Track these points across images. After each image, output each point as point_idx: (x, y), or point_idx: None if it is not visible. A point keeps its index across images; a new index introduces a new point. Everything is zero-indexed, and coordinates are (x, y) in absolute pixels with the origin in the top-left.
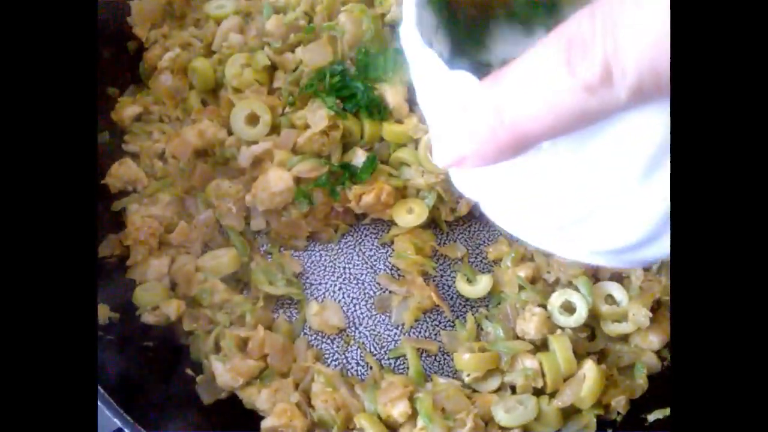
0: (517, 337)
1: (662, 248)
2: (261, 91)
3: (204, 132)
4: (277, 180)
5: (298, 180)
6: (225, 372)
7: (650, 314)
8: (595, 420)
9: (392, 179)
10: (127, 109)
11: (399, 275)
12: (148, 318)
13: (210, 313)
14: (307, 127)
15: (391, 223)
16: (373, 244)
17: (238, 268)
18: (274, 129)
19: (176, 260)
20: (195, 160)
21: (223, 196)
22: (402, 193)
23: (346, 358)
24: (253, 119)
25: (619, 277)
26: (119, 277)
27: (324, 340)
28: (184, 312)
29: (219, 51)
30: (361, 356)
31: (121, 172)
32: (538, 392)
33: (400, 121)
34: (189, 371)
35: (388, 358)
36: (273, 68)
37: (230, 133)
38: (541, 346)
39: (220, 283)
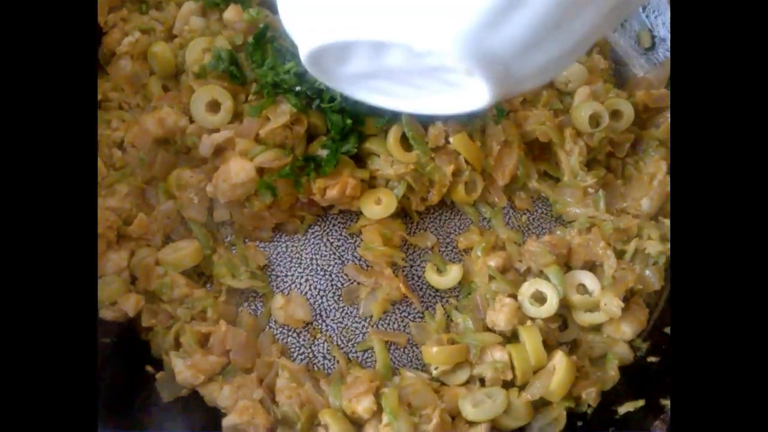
0: (487, 329)
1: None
2: (223, 76)
3: (164, 120)
4: (238, 170)
5: (261, 170)
6: (185, 369)
7: (623, 304)
8: (565, 413)
9: (358, 171)
10: None
11: (367, 266)
12: (107, 313)
13: (170, 308)
14: (269, 118)
15: (360, 213)
16: (340, 235)
17: (200, 261)
18: (237, 116)
19: (136, 253)
20: (155, 149)
21: (184, 187)
22: (370, 183)
23: (313, 351)
24: (214, 106)
25: (591, 266)
26: None
27: (290, 333)
28: (144, 307)
29: (180, 35)
30: (327, 350)
31: None
32: (507, 385)
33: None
34: (149, 368)
35: (356, 351)
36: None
37: (192, 120)
38: (511, 338)
39: (180, 277)
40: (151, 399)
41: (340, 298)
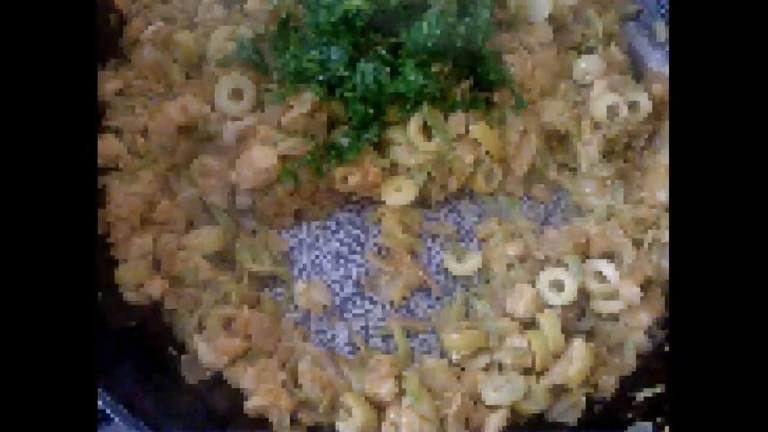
0: (506, 315)
1: None
2: (246, 64)
3: (187, 107)
4: (261, 157)
5: (283, 158)
6: (209, 351)
7: (640, 292)
8: (583, 398)
9: (379, 159)
10: (108, 83)
11: (387, 253)
12: (131, 297)
13: (194, 292)
14: (292, 106)
15: (380, 201)
16: (361, 222)
17: (222, 246)
18: (260, 104)
19: (159, 238)
20: (178, 137)
21: (207, 174)
22: (391, 171)
23: (333, 337)
24: (237, 94)
25: (609, 255)
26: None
27: (311, 319)
28: (168, 291)
29: (202, 23)
30: (348, 335)
31: (102, 149)
32: (526, 371)
33: None
34: (172, 351)
35: (376, 337)
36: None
37: (214, 108)
38: (529, 325)
39: (204, 262)
40: (175, 382)
41: (361, 285)
